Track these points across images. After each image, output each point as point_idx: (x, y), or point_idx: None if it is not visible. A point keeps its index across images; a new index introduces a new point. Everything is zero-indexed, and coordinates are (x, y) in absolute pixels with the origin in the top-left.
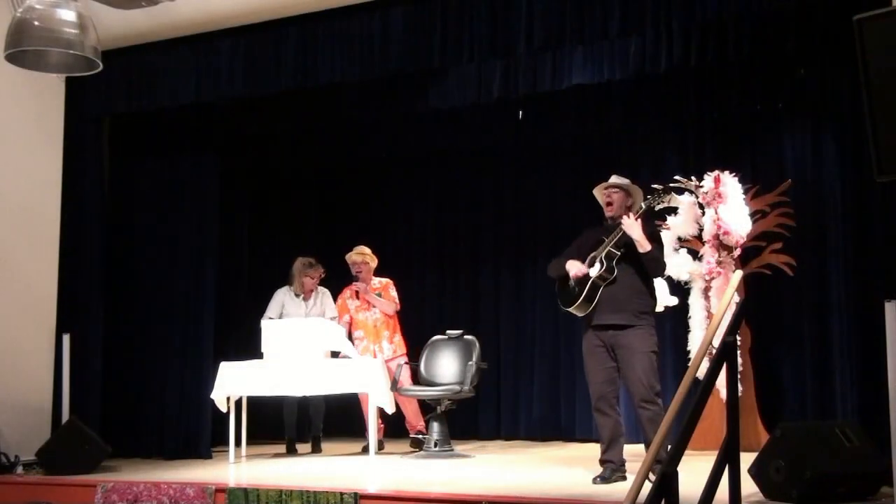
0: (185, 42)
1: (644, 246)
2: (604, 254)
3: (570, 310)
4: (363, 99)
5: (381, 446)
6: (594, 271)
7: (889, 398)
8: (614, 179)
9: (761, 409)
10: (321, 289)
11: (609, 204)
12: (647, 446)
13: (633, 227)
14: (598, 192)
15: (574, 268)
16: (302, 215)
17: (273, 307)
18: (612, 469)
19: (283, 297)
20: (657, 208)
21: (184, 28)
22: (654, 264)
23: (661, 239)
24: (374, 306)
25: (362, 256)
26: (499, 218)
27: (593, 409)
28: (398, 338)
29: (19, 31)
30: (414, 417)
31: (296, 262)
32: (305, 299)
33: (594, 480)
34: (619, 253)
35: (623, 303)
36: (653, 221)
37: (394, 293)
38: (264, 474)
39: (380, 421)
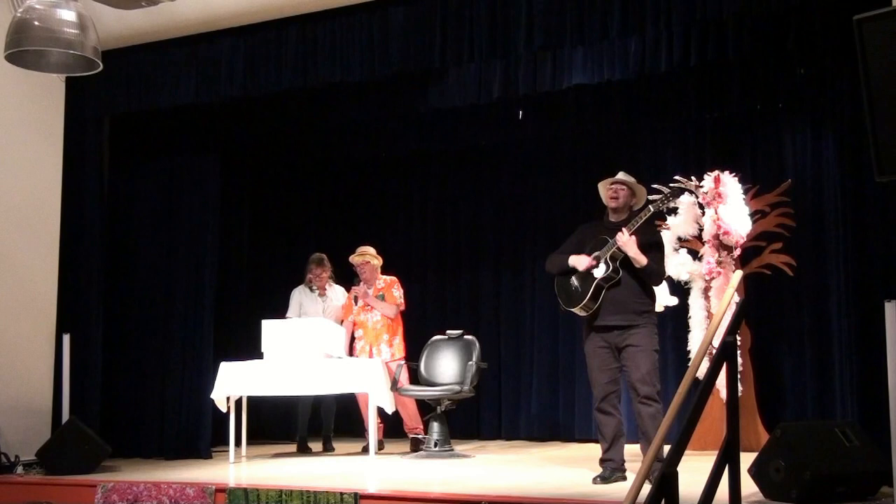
0: (185, 42)
1: (640, 262)
2: (608, 255)
3: (573, 310)
4: (363, 99)
5: (381, 446)
6: (599, 272)
7: (889, 398)
8: (622, 176)
9: (761, 409)
10: (335, 285)
11: (614, 198)
12: (646, 441)
13: (628, 245)
14: (603, 187)
15: (581, 262)
16: (302, 215)
17: (292, 307)
18: (612, 469)
19: (300, 297)
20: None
21: (184, 28)
22: (651, 277)
23: (662, 244)
24: (374, 308)
25: (362, 257)
26: (499, 218)
27: (596, 410)
28: (398, 340)
29: (19, 31)
30: (412, 420)
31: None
32: (321, 295)
33: (594, 480)
34: (622, 254)
35: (625, 304)
36: (654, 226)
37: (397, 293)
38: (264, 474)
39: (379, 420)
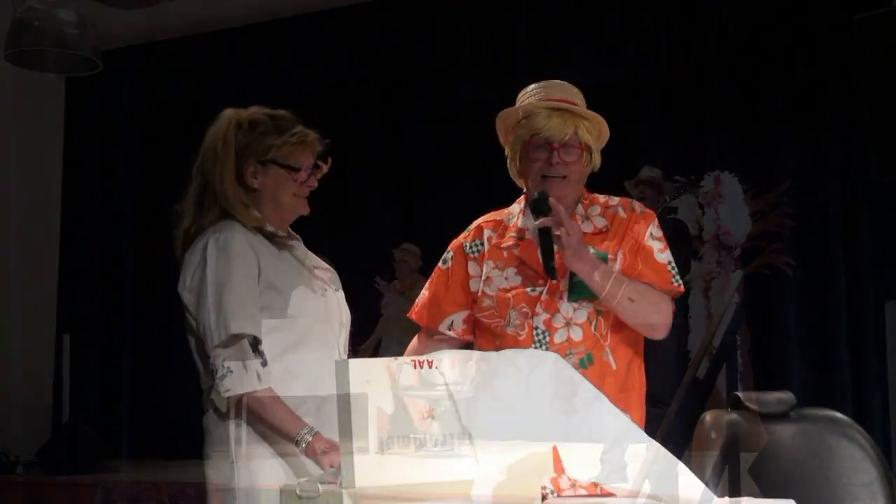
0: (185, 42)
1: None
2: None
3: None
4: (363, 99)
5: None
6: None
7: (889, 398)
8: (646, 173)
9: None
10: None
11: (642, 199)
12: None
13: None
14: (631, 188)
15: None
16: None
17: None
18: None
19: None
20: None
21: (184, 28)
22: None
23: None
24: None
25: (400, 253)
26: None
27: None
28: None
29: (19, 31)
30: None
31: None
32: None
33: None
34: None
35: None
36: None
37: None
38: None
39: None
